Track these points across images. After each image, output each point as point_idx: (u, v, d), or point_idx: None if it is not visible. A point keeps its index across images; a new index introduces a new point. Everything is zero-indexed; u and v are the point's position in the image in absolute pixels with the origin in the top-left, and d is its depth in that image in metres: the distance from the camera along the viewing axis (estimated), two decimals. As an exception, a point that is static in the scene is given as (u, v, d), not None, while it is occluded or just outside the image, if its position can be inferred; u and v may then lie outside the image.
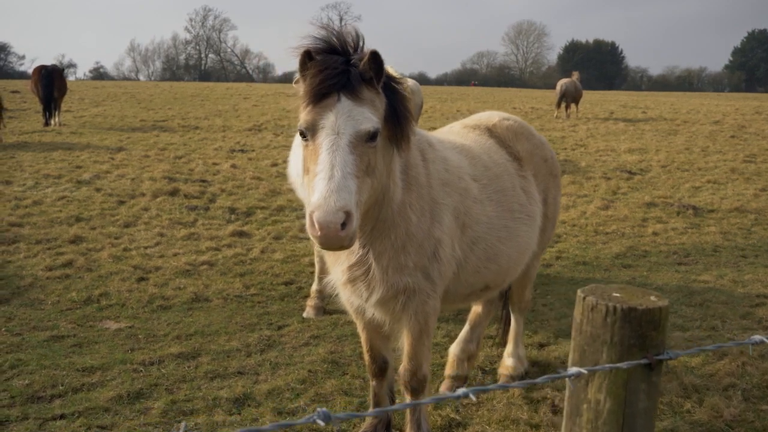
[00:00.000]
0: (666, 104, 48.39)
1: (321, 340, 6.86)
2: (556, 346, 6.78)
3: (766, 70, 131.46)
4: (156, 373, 6.03)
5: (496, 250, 4.83)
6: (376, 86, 3.66)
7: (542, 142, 5.70)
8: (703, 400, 5.59)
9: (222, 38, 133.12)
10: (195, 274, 8.75)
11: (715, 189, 15.48)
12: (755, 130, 29.27)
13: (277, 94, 48.12)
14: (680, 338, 6.93)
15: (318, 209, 3.31)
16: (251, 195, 13.54)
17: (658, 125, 30.84)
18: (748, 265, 9.77)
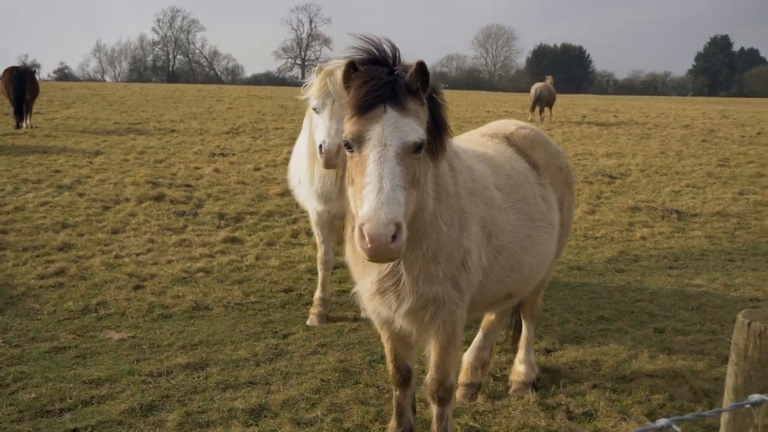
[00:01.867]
0: (635, 108, 48.93)
1: (329, 348, 6.82)
2: (563, 352, 6.80)
3: (728, 75, 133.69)
4: (166, 384, 5.94)
5: (520, 258, 4.84)
6: (421, 97, 3.65)
7: (558, 150, 5.73)
8: (713, 405, 5.66)
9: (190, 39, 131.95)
10: (192, 282, 8.65)
11: (695, 193, 15.69)
12: (724, 134, 29.73)
13: (249, 96, 47.78)
14: (683, 342, 7.01)
15: (368, 222, 3.28)
16: (238, 200, 13.43)
17: (631, 129, 31.19)
18: (736, 268, 9.91)
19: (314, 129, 6.76)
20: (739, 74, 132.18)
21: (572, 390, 5.94)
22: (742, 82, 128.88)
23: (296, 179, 8.21)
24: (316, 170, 7.16)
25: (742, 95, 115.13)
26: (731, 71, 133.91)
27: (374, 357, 6.59)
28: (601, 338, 7.12)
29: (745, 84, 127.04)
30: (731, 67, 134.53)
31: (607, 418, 5.42)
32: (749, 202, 14.66)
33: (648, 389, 5.87)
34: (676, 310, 8.02)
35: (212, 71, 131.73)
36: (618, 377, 6.20)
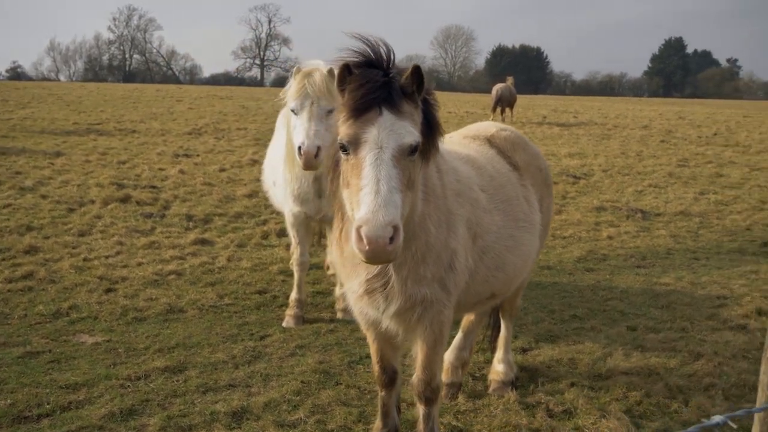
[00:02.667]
0: (593, 109, 49.57)
1: (307, 349, 6.81)
2: (539, 351, 6.88)
3: (682, 77, 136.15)
4: (144, 388, 5.88)
5: (504, 258, 4.89)
6: (416, 100, 3.68)
7: (537, 152, 5.81)
8: (689, 401, 5.78)
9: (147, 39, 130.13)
10: (164, 285, 8.56)
11: (658, 193, 15.97)
12: (682, 135, 30.30)
13: (210, 96, 47.37)
14: (655, 340, 7.14)
15: (366, 224, 3.30)
16: (206, 201, 13.32)
17: (591, 130, 31.61)
18: (702, 267, 10.12)
19: (292, 131, 6.75)
20: (692, 76, 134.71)
21: (551, 388, 6.02)
22: (695, 84, 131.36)
23: (271, 181, 8.18)
24: (293, 172, 7.14)
25: (695, 96, 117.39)
26: (685, 73, 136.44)
27: (353, 358, 6.60)
28: (575, 337, 7.23)
29: (698, 85, 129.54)
30: (685, 69, 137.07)
31: (587, 415, 5.50)
32: (710, 202, 14.98)
33: (624, 386, 5.97)
34: (647, 308, 8.17)
35: (170, 71, 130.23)
36: (594, 375, 6.30)
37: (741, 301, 8.34)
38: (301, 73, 6.73)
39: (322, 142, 6.50)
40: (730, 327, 7.54)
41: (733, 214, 13.76)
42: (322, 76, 6.68)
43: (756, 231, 12.47)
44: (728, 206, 14.63)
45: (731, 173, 19.18)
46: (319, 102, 6.62)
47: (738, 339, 7.12)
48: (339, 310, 7.78)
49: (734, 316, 7.83)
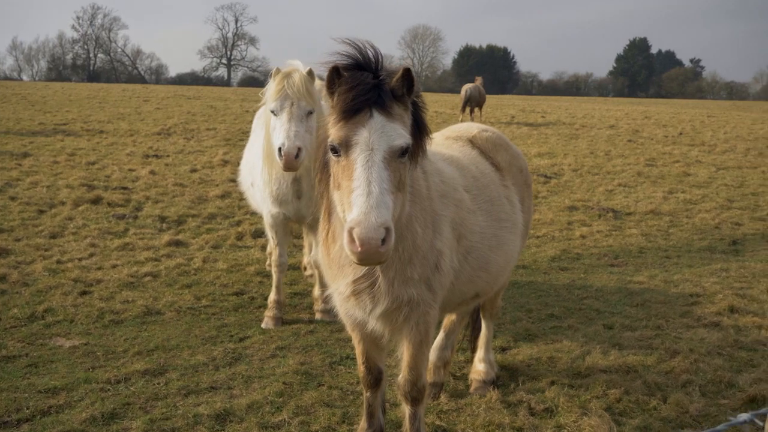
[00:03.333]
0: (561, 109, 50.03)
1: (287, 351, 6.80)
2: (519, 350, 6.94)
3: (647, 77, 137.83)
4: (125, 391, 5.83)
5: (488, 259, 4.94)
6: (406, 102, 3.70)
7: (518, 152, 5.86)
8: (667, 397, 5.86)
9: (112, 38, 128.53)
10: (140, 287, 8.49)
11: (627, 192, 16.18)
12: (648, 135, 30.71)
13: (177, 96, 46.94)
14: (631, 338, 7.24)
15: (358, 225, 3.32)
16: (178, 202, 13.22)
17: (559, 129, 31.90)
18: (673, 265, 10.28)
19: (272, 132, 6.73)
20: (657, 75, 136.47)
21: (531, 387, 6.08)
22: (660, 84, 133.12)
23: (248, 182, 8.15)
24: (272, 173, 7.12)
25: (660, 96, 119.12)
26: (650, 73, 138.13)
27: (334, 359, 6.60)
28: (553, 335, 7.30)
29: (663, 85, 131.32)
30: (650, 69, 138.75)
31: (568, 413, 5.56)
32: (679, 201, 15.21)
33: (604, 384, 6.05)
34: (622, 306, 8.28)
35: (135, 70, 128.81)
36: (574, 373, 6.37)
37: (714, 298, 8.49)
38: (281, 74, 6.72)
39: (303, 143, 6.50)
40: (704, 324, 7.66)
41: (702, 213, 13.98)
42: (302, 77, 6.67)
43: (725, 229, 12.69)
44: (697, 205, 14.87)
45: (698, 172, 19.48)
46: (299, 103, 6.61)
47: (712, 336, 7.24)
48: (317, 311, 7.77)
49: (708, 314, 7.97)
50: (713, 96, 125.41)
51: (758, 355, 6.79)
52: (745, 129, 35.28)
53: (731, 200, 15.50)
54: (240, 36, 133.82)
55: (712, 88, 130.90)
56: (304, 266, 9.29)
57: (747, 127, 36.39)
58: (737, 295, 8.59)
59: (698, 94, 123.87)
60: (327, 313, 7.70)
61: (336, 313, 4.75)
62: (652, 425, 5.41)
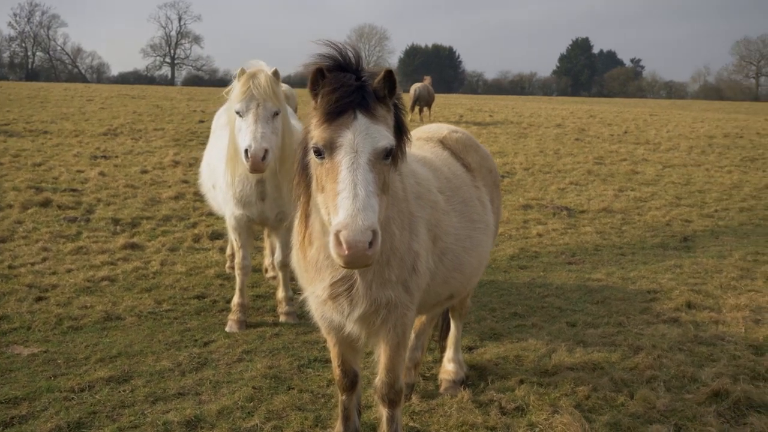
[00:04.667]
0: (508, 108, 50.56)
1: (254, 354, 6.71)
2: (485, 349, 6.98)
3: (589, 76, 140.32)
4: (90, 399, 5.69)
5: (462, 260, 4.94)
6: (388, 104, 3.68)
7: (487, 153, 5.89)
8: (634, 393, 5.95)
9: (51, 36, 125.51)
10: (98, 291, 8.30)
11: (579, 190, 16.42)
12: (594, 133, 31.23)
13: (121, 95, 46.01)
14: (595, 335, 7.33)
15: (345, 228, 3.29)
16: (131, 204, 12.96)
17: (508, 128, 32.21)
18: (629, 262, 10.46)
19: (237, 133, 6.64)
20: (599, 75, 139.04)
21: (501, 386, 6.11)
22: (602, 83, 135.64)
23: (210, 183, 8.04)
24: (236, 174, 7.03)
25: (602, 95, 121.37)
26: (592, 72, 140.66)
27: (302, 362, 6.54)
28: (518, 334, 7.36)
29: (605, 84, 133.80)
30: (592, 69, 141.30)
31: (539, 411, 5.61)
32: (629, 199, 15.50)
33: (572, 382, 6.11)
34: (583, 304, 8.39)
35: (76, 69, 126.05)
36: (541, 371, 6.43)
37: (671, 294, 8.66)
38: (246, 74, 6.63)
39: (269, 144, 6.43)
40: (663, 320, 7.81)
41: (652, 210, 14.27)
42: (267, 78, 6.60)
43: (675, 226, 12.97)
44: (647, 203, 15.17)
45: (646, 170, 19.89)
46: (265, 104, 6.54)
47: (672, 332, 7.39)
48: (282, 314, 7.70)
49: (666, 310, 8.13)
50: (653, 95, 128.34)
51: (717, 350, 6.94)
52: (686, 128, 36.13)
53: (679, 198, 15.86)
54: (184, 34, 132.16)
55: (652, 88, 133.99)
56: (266, 268, 9.21)
57: (688, 126, 37.28)
58: (693, 291, 8.78)
59: (639, 93, 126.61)
60: (291, 316, 7.65)
61: (311, 316, 4.70)
62: (622, 422, 5.48)
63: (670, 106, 70.75)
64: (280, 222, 7.41)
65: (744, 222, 13.59)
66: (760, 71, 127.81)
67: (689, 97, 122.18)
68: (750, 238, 12.23)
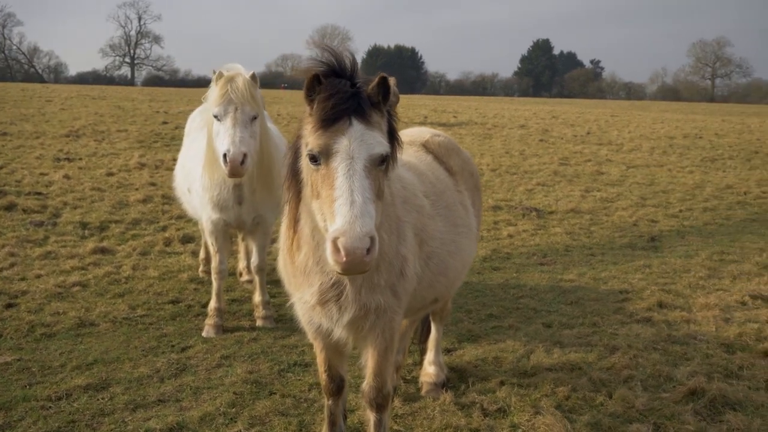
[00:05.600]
0: (471, 109, 50.86)
1: (233, 360, 6.67)
2: (464, 351, 7.01)
3: (550, 77, 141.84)
4: (68, 408, 5.60)
5: (447, 264, 4.97)
6: (382, 110, 3.68)
7: (468, 157, 5.92)
8: (612, 393, 6.03)
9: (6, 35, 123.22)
10: (69, 297, 8.17)
11: (547, 191, 16.59)
12: (558, 134, 31.58)
13: (81, 96, 45.31)
14: (570, 336, 7.42)
15: (343, 235, 3.28)
16: (99, 208, 12.77)
17: (473, 129, 32.41)
18: (599, 262, 10.59)
19: (215, 137, 6.59)
20: (560, 76, 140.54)
21: (482, 388, 6.15)
22: (563, 84, 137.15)
23: (185, 187, 7.96)
24: (213, 178, 6.97)
25: (563, 96, 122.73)
26: (553, 73, 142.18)
27: (282, 366, 6.51)
28: (496, 335, 7.41)
29: (565, 85, 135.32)
30: (553, 70, 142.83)
31: (521, 413, 5.66)
32: (596, 199, 15.70)
33: (552, 382, 6.17)
34: (557, 305, 8.48)
35: (32, 69, 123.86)
36: (521, 372, 6.48)
37: (642, 294, 8.80)
38: (224, 78, 6.59)
39: (248, 148, 6.40)
40: (636, 320, 7.93)
41: (619, 211, 14.48)
42: (246, 82, 6.56)
43: (642, 226, 13.17)
44: (613, 203, 15.38)
45: (610, 171, 20.16)
46: (243, 108, 6.50)
47: (646, 331, 7.50)
48: (259, 318, 7.65)
49: (639, 310, 8.25)
50: (612, 96, 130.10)
51: (691, 349, 7.07)
52: (647, 128, 36.69)
53: (644, 198, 16.11)
54: (144, 34, 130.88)
55: (611, 89, 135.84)
56: (240, 272, 9.15)
57: (648, 127, 37.86)
58: (663, 291, 8.93)
59: (599, 94, 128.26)
60: (268, 320, 7.61)
61: (297, 321, 4.69)
62: (602, 421, 5.55)
63: (630, 107, 71.80)
64: (256, 226, 7.38)
65: (708, 222, 13.85)
66: (715, 73, 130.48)
67: (648, 97, 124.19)
68: (715, 237, 12.47)
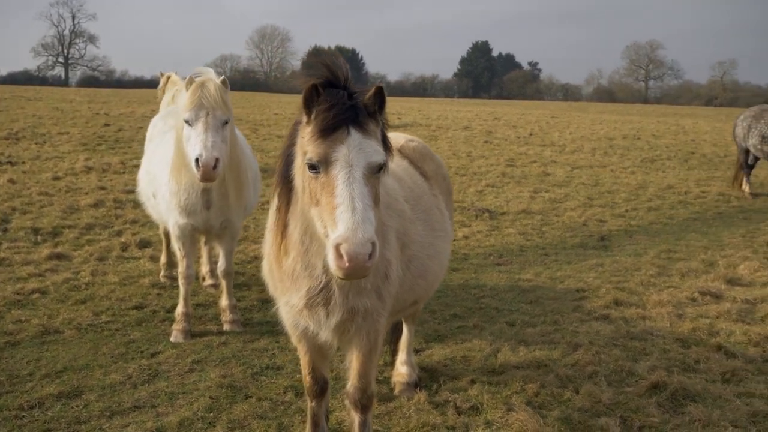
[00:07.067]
0: (414, 110, 51.13)
1: (205, 364, 6.67)
2: (432, 351, 7.15)
3: (489, 78, 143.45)
4: (42, 417, 5.55)
5: (426, 267, 5.10)
6: (378, 119, 3.79)
7: (440, 161, 6.08)
8: (579, 389, 6.24)
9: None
10: (30, 305, 8.04)
11: (497, 193, 16.88)
12: (502, 136, 32.05)
13: (16, 97, 44.01)
14: (534, 334, 7.62)
15: (346, 241, 3.38)
16: (49, 213, 12.53)
17: (417, 131, 32.63)
18: (553, 262, 10.87)
19: (186, 142, 6.58)
20: (498, 77, 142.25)
21: (453, 386, 6.29)
22: (501, 85, 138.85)
23: (149, 192, 7.92)
24: (181, 182, 6.96)
25: (502, 97, 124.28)
26: (492, 74, 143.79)
27: (255, 369, 6.55)
28: (462, 335, 7.57)
29: (504, 86, 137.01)
30: (492, 71, 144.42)
31: (494, 410, 5.81)
32: (545, 200, 16.05)
33: (521, 380, 6.35)
34: (518, 304, 8.69)
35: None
36: (490, 371, 6.65)
37: (598, 292, 9.08)
38: (195, 83, 6.59)
39: (220, 153, 6.42)
40: (595, 318, 8.18)
41: (568, 211, 14.84)
42: (217, 87, 6.58)
43: (591, 226, 13.54)
44: (562, 204, 15.75)
45: (556, 172, 20.60)
46: (215, 113, 6.51)
47: (606, 328, 7.76)
48: (226, 322, 7.65)
49: (596, 307, 8.51)
50: (550, 97, 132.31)
51: (649, 344, 7.34)
52: (586, 129, 37.52)
53: (591, 198, 16.53)
54: (78, 33, 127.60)
55: (549, 90, 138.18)
56: (203, 276, 9.12)
57: (588, 128, 38.71)
58: (618, 289, 9.23)
59: (537, 95, 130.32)
60: (236, 324, 7.62)
61: (282, 324, 4.75)
62: (572, 416, 5.74)
63: (568, 108, 73.18)
64: (224, 230, 7.39)
65: (653, 221, 14.31)
66: (648, 75, 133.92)
67: (584, 99, 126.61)
68: (661, 236, 12.90)
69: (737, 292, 9.15)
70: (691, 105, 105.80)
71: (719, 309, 8.45)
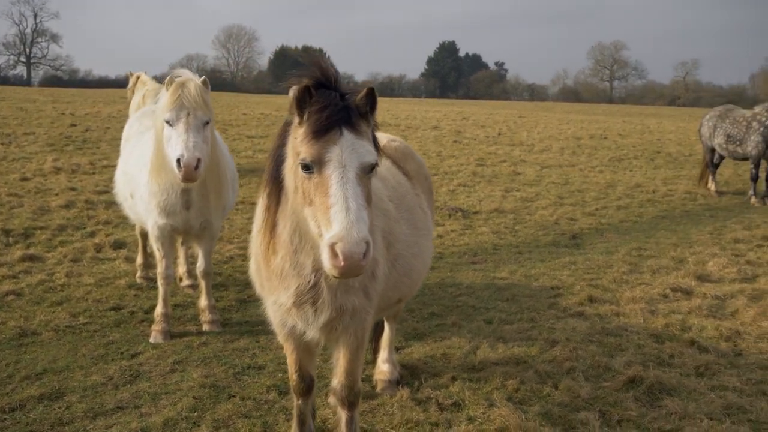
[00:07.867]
0: (383, 110, 51.11)
1: (186, 364, 6.67)
2: (412, 349, 7.22)
3: (456, 78, 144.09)
4: (25, 419, 5.52)
5: (411, 265, 5.17)
6: (369, 120, 3.85)
7: (421, 160, 6.14)
8: (558, 384, 6.35)
9: None
10: (5, 307, 7.96)
11: (469, 192, 17.02)
12: (471, 135, 32.28)
13: (-21, 97, 43.53)
14: (511, 331, 7.72)
15: (342, 240, 3.43)
16: (20, 214, 12.38)
17: (387, 131, 32.36)
18: (527, 260, 11.00)
19: (166, 142, 6.58)
20: (465, 77, 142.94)
21: (435, 383, 6.36)
22: (468, 85, 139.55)
23: (126, 193, 7.89)
24: (160, 183, 6.95)
25: (469, 97, 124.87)
26: (459, 74, 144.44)
27: (237, 369, 6.57)
28: (440, 333, 7.65)
29: (471, 86, 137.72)
30: (459, 71, 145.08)
31: (476, 406, 5.90)
32: (517, 199, 16.22)
33: (501, 376, 6.45)
34: (494, 302, 8.80)
35: None
36: (470, 368, 6.74)
37: (572, 290, 9.22)
38: (175, 83, 6.59)
39: (201, 153, 6.43)
40: (570, 314, 8.32)
41: (540, 210, 15.02)
42: (197, 87, 6.59)
43: (563, 225, 13.72)
44: (533, 203, 15.93)
45: (526, 171, 20.82)
46: (196, 113, 6.52)
47: (581, 325, 7.89)
48: (205, 322, 7.64)
49: (571, 305, 8.65)
50: (517, 97, 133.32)
51: (624, 340, 7.48)
52: (554, 129, 37.93)
53: (561, 197, 16.74)
54: (40, 32, 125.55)
55: (515, 90, 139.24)
56: (180, 277, 9.10)
57: (555, 128, 39.15)
58: (591, 286, 9.39)
59: (503, 95, 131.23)
60: (215, 324, 7.62)
61: (269, 323, 4.79)
62: (552, 411, 5.85)
63: (535, 108, 73.84)
64: (203, 231, 7.39)
65: (623, 219, 14.54)
66: (613, 75, 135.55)
67: (550, 99, 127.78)
68: (631, 234, 13.11)
69: (707, 288, 9.36)
70: (655, 105, 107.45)
71: (690, 305, 8.65)
